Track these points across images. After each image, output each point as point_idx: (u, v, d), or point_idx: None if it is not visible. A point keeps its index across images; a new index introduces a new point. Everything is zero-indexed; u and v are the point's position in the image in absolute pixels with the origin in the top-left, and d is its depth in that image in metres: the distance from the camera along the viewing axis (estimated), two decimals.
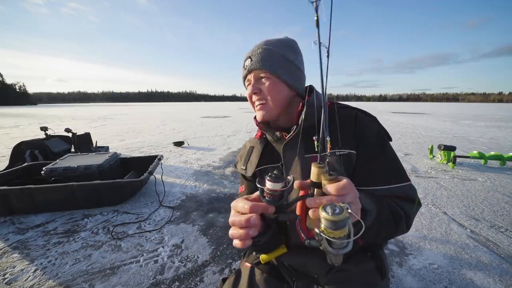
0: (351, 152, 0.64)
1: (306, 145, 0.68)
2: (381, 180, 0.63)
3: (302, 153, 0.68)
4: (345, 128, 0.66)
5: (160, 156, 3.04)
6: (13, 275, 1.39)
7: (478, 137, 6.39)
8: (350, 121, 0.67)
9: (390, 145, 0.67)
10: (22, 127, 9.74)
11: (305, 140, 0.68)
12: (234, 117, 14.00)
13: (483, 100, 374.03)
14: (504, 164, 3.52)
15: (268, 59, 0.66)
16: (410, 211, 0.63)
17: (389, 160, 0.65)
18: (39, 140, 3.53)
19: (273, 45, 0.69)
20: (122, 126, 9.42)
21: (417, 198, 0.64)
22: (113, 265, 1.48)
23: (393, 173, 0.64)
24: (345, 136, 0.65)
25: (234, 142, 5.77)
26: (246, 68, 0.69)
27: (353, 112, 0.69)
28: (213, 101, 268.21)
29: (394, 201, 0.61)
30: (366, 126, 0.66)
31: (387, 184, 0.62)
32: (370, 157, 0.64)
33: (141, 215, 2.12)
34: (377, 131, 0.67)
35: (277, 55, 0.67)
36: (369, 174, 0.63)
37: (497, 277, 1.36)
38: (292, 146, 0.69)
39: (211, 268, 1.46)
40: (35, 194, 2.08)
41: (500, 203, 2.29)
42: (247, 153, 0.83)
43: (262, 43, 0.70)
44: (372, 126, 0.67)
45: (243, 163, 0.82)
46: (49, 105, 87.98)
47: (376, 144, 0.65)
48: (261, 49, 0.68)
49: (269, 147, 0.78)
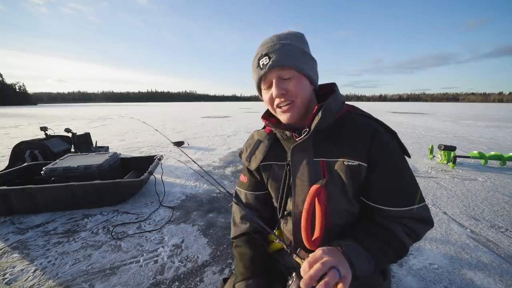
0: (361, 164, 0.61)
1: (316, 148, 0.66)
2: (398, 201, 0.60)
3: (311, 156, 0.66)
4: (360, 139, 0.62)
5: (160, 156, 3.05)
6: (13, 275, 1.39)
7: (478, 137, 6.39)
8: (367, 133, 0.62)
9: (407, 164, 0.64)
10: (22, 127, 9.74)
11: (316, 142, 0.66)
12: (234, 117, 14.00)
13: (483, 100, 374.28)
14: (504, 164, 3.52)
15: (290, 55, 0.60)
16: (422, 233, 0.63)
17: (406, 181, 0.62)
18: (39, 140, 3.52)
19: (289, 39, 0.62)
20: (122, 126, 9.42)
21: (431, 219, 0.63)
22: (113, 265, 1.48)
23: (410, 194, 0.61)
24: (358, 147, 0.62)
25: (234, 142, 5.77)
26: (265, 67, 0.61)
27: (372, 125, 0.64)
28: (213, 101, 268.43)
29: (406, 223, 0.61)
30: (386, 143, 0.62)
31: (404, 206, 0.60)
32: (389, 176, 0.61)
33: (141, 215, 2.12)
34: (397, 150, 0.63)
35: (297, 49, 0.62)
36: (386, 194, 0.62)
37: (497, 277, 1.36)
38: (302, 148, 0.66)
39: (211, 268, 1.46)
40: (35, 194, 2.08)
41: (500, 203, 2.29)
42: (253, 145, 0.79)
43: (276, 38, 0.63)
44: (392, 143, 0.63)
45: (248, 155, 0.80)
46: (49, 105, 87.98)
47: (395, 163, 0.62)
48: (279, 44, 0.61)
49: (277, 144, 0.75)
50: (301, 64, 0.61)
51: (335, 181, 0.63)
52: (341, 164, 0.62)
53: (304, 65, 0.62)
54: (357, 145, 0.62)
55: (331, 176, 0.63)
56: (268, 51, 0.61)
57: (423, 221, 0.62)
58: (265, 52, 0.61)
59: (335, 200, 0.64)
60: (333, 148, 0.64)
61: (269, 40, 0.63)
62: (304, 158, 0.66)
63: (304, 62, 0.62)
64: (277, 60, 0.59)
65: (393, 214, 0.61)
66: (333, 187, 0.63)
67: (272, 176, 0.76)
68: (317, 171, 0.65)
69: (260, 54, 0.62)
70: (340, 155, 0.63)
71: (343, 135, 0.64)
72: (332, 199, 0.64)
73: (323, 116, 0.61)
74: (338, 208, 0.65)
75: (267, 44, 0.62)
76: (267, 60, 0.61)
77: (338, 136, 0.64)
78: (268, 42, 0.63)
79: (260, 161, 0.76)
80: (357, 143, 0.62)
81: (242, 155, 0.84)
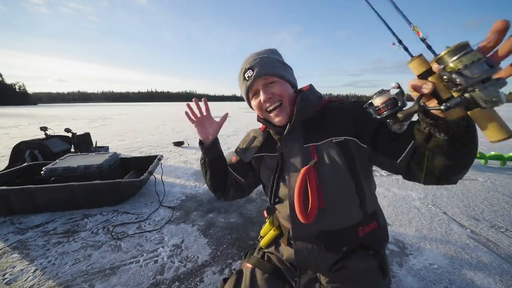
0: (347, 138, 0.68)
1: (305, 136, 0.73)
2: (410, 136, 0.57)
3: (301, 143, 0.72)
4: (342, 118, 0.71)
5: (160, 156, 3.04)
6: (13, 275, 1.39)
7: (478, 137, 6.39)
8: (346, 111, 0.71)
9: None
10: (22, 127, 9.73)
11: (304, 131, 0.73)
12: (234, 117, 13.99)
13: None
14: (505, 164, 3.52)
15: (269, 65, 0.71)
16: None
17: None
18: (39, 140, 3.52)
19: (266, 53, 0.74)
20: (122, 126, 9.42)
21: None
22: (113, 265, 1.48)
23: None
24: (341, 125, 0.70)
25: (234, 142, 5.77)
26: (250, 79, 0.71)
27: (349, 104, 0.74)
28: (213, 101, 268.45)
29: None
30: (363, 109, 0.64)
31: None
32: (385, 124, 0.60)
33: (141, 215, 2.12)
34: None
35: (274, 59, 0.73)
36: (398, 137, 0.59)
37: (497, 277, 1.36)
38: (292, 137, 0.74)
39: (211, 268, 1.46)
40: (35, 194, 2.08)
41: (500, 203, 2.29)
42: (249, 141, 0.88)
43: (255, 54, 0.74)
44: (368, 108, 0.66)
45: (243, 149, 0.88)
46: (49, 105, 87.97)
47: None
48: (259, 58, 0.71)
49: (270, 139, 0.84)
50: (281, 71, 0.72)
51: (325, 162, 0.69)
52: (330, 143, 0.69)
53: (283, 71, 0.73)
54: (340, 123, 0.70)
55: (321, 157, 0.69)
56: (250, 65, 0.71)
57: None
58: (248, 66, 0.72)
59: (326, 179, 0.68)
60: (319, 132, 0.72)
61: (250, 57, 0.74)
62: (296, 145, 0.73)
63: (283, 69, 0.73)
64: (260, 70, 0.70)
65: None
66: (324, 167, 0.69)
67: (264, 165, 0.83)
68: (308, 156, 0.71)
69: (244, 68, 0.73)
70: (327, 136, 0.70)
71: (327, 120, 0.73)
72: (324, 178, 0.68)
73: (302, 103, 0.71)
74: (331, 186, 0.69)
75: (249, 60, 0.73)
76: (251, 72, 0.71)
77: (323, 123, 0.73)
78: (249, 58, 0.74)
79: (255, 152, 0.84)
80: (339, 122, 0.70)
81: (237, 149, 0.91)
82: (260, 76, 0.70)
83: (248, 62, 0.73)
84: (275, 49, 0.79)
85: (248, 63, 0.72)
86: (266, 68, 0.70)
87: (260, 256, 0.87)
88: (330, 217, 0.70)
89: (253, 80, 0.71)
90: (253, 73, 0.70)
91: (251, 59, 0.73)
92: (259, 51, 0.76)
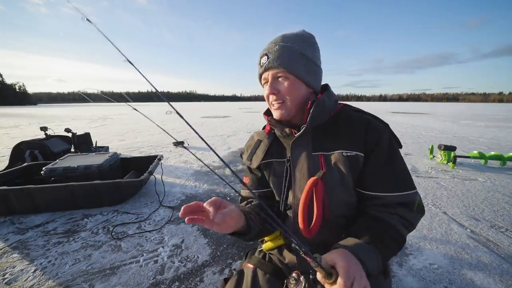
0: (358, 154, 0.64)
1: (314, 143, 0.69)
2: (390, 187, 0.63)
3: (310, 151, 0.69)
4: (356, 131, 0.66)
5: (160, 156, 3.04)
6: (13, 275, 1.39)
7: (478, 137, 6.39)
8: (361, 125, 0.66)
9: (400, 153, 0.67)
10: (22, 127, 9.73)
11: (314, 137, 0.69)
12: (234, 117, 13.99)
13: (483, 100, 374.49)
14: (504, 164, 3.52)
15: (285, 57, 0.63)
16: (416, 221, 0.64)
17: (399, 168, 0.65)
18: (39, 140, 3.52)
19: (291, 41, 0.65)
20: (122, 126, 9.41)
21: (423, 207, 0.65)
22: (113, 265, 1.48)
23: (402, 180, 0.64)
24: (354, 138, 0.65)
25: (234, 142, 5.77)
26: (262, 66, 0.67)
27: (365, 118, 0.69)
28: (213, 101, 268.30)
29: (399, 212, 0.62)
30: (379, 132, 0.65)
31: (396, 191, 0.63)
32: (382, 164, 0.64)
33: (141, 215, 2.12)
34: (389, 139, 0.67)
35: (295, 52, 0.64)
36: (379, 180, 0.64)
37: (497, 277, 1.36)
38: (300, 143, 0.70)
39: (211, 268, 1.46)
40: (35, 194, 2.08)
41: (500, 203, 2.29)
42: (254, 145, 0.83)
43: (279, 39, 0.66)
44: (384, 133, 0.66)
45: (248, 155, 0.83)
46: (49, 105, 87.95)
47: (388, 151, 0.65)
48: (278, 46, 0.64)
49: (276, 142, 0.79)
50: (297, 67, 0.64)
51: (333, 173, 0.66)
52: (340, 155, 0.65)
53: (300, 68, 0.64)
54: (353, 136, 0.65)
55: (329, 169, 0.66)
56: (268, 51, 0.65)
57: (416, 208, 0.63)
58: (265, 52, 0.66)
59: (333, 191, 0.66)
60: (330, 142, 0.67)
61: (274, 40, 0.67)
62: (303, 152, 0.69)
63: (301, 65, 0.64)
64: (272, 61, 0.64)
65: (385, 201, 0.63)
66: (332, 179, 0.66)
67: (273, 172, 0.78)
68: (315, 165, 0.67)
69: (263, 52, 0.67)
70: (338, 148, 0.66)
71: (340, 129, 0.68)
72: (331, 191, 0.66)
73: (317, 110, 0.65)
74: (337, 199, 0.67)
75: (271, 44, 0.66)
76: (266, 60, 0.65)
77: (335, 131, 0.68)
78: (272, 42, 0.67)
79: (261, 159, 0.78)
80: (353, 135, 0.66)
81: (243, 155, 0.86)
82: (270, 67, 0.65)
83: (269, 46, 0.66)
84: (309, 37, 0.68)
85: (267, 48, 0.66)
86: (280, 60, 0.63)
87: (261, 256, 0.87)
88: (334, 229, 0.69)
89: (264, 69, 0.66)
90: (266, 61, 0.65)
91: (273, 43, 0.66)
92: (288, 34, 0.67)
